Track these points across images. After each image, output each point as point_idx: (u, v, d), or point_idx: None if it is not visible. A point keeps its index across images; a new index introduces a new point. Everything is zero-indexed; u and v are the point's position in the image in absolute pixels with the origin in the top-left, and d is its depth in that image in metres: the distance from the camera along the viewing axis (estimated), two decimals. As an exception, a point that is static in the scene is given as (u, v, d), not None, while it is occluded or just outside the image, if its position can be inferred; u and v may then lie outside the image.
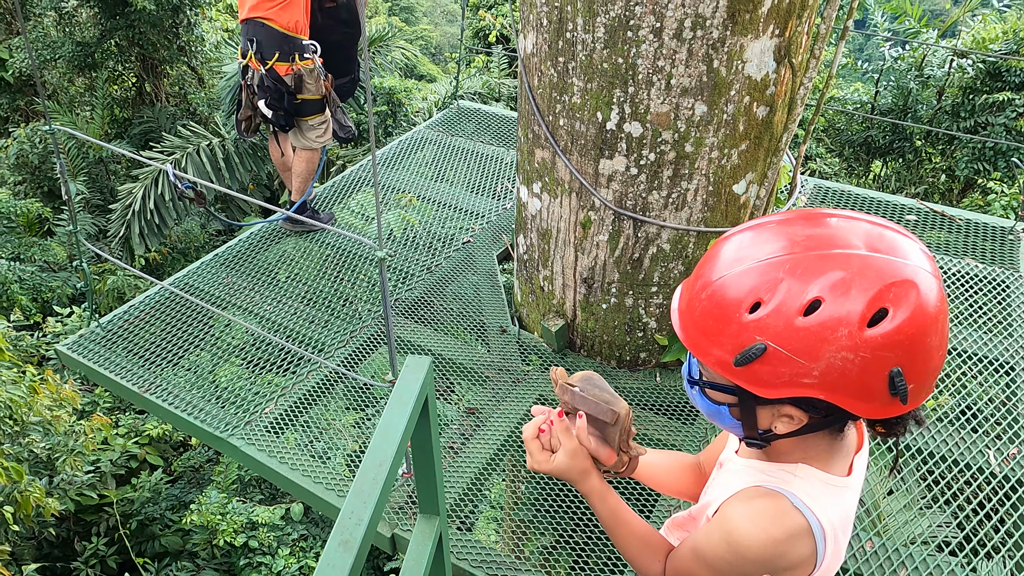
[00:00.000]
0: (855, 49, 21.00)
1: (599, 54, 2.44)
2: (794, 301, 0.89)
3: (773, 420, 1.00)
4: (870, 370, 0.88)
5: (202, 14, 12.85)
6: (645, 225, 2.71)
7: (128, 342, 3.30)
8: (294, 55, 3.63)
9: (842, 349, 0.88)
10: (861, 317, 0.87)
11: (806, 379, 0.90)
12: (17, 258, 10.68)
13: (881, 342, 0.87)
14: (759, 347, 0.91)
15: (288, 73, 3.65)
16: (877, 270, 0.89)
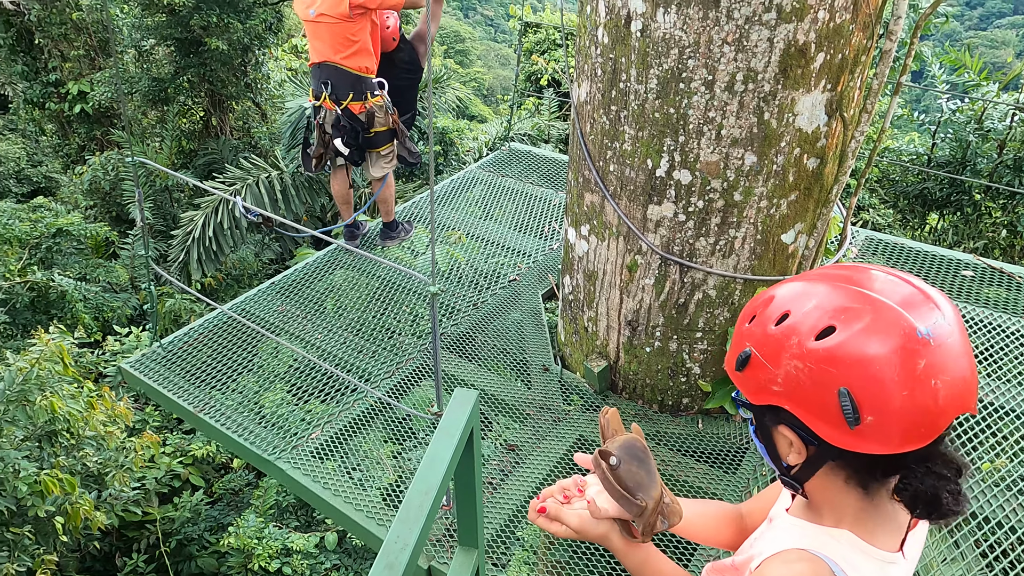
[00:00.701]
0: (912, 100, 20.73)
1: (651, 104, 2.51)
2: (773, 314, 1.00)
3: (783, 446, 1.03)
4: (820, 384, 0.93)
5: (269, 54, 13.53)
6: (691, 271, 2.73)
7: (185, 363, 3.44)
8: (366, 94, 3.87)
9: (793, 357, 0.95)
10: (810, 329, 0.94)
11: (774, 386, 0.98)
12: (83, 278, 11.23)
13: (823, 355, 0.92)
14: (746, 352, 1.02)
15: (361, 111, 3.89)
16: (843, 297, 0.96)
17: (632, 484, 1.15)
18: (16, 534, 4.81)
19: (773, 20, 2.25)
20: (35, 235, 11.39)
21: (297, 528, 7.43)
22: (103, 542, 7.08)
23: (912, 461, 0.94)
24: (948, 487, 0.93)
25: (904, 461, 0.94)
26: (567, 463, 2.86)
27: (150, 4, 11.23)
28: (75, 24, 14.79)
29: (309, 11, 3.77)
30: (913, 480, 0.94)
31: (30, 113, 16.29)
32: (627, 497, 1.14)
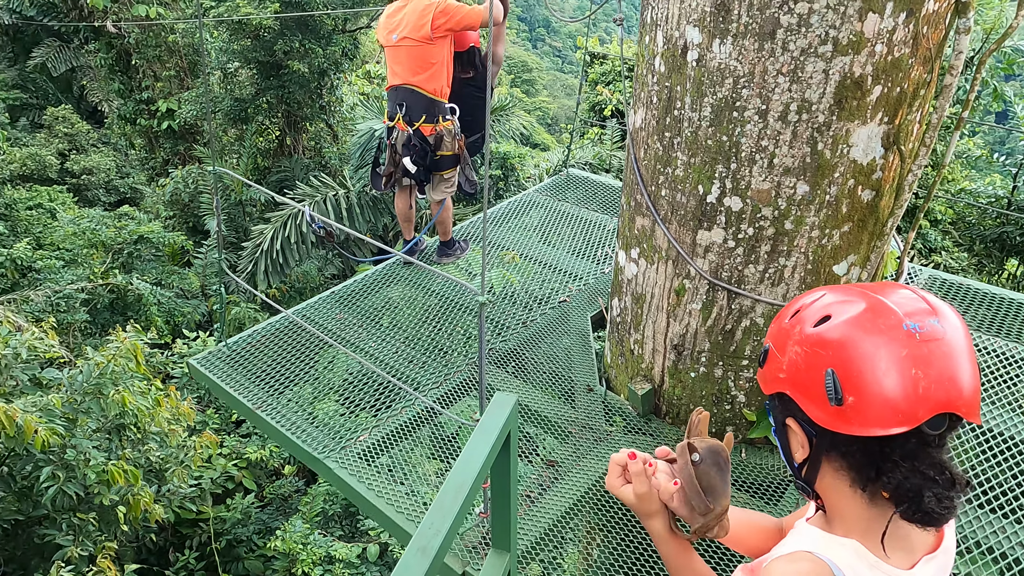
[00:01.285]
0: (994, 141, 19.87)
1: (704, 131, 2.57)
2: (789, 311, 1.11)
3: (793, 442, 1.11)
4: (811, 366, 1.02)
5: (344, 78, 14.15)
6: (739, 297, 2.74)
7: (247, 364, 3.63)
8: (438, 117, 4.06)
9: (795, 344, 1.05)
10: (811, 318, 1.05)
11: (780, 373, 1.07)
12: (159, 283, 11.88)
13: (816, 339, 1.02)
14: (766, 348, 1.12)
15: (432, 133, 4.08)
16: (847, 293, 1.05)
17: (706, 485, 1.19)
18: (82, 519, 5.08)
19: (829, 52, 2.28)
20: (119, 241, 12.15)
21: (341, 537, 7.57)
22: (159, 536, 7.38)
23: (899, 457, 0.99)
24: (933, 489, 0.97)
25: (892, 456, 0.99)
26: (603, 482, 2.87)
27: (238, 29, 11.97)
28: (168, 47, 15.85)
29: (392, 36, 3.98)
30: (897, 474, 0.99)
31: (122, 128, 17.47)
32: (700, 495, 1.18)
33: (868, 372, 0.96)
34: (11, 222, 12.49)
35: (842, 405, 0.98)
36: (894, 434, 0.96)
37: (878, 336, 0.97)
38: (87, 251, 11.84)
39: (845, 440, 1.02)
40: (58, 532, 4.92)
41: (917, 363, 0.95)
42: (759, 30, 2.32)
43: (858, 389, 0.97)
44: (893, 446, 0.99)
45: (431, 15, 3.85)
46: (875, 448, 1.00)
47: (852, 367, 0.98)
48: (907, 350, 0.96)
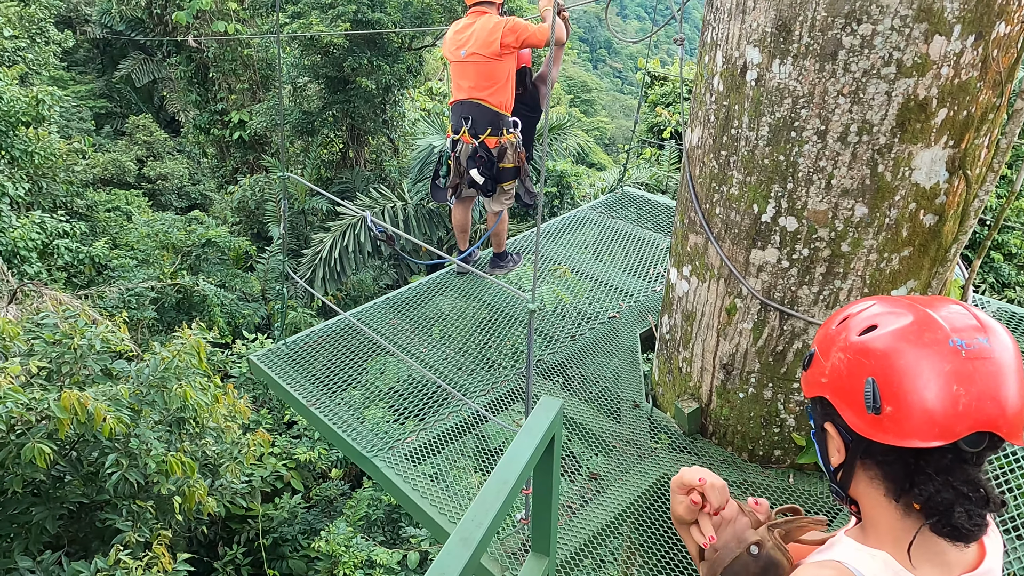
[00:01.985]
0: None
1: (761, 151, 2.56)
2: (838, 317, 1.12)
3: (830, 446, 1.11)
4: (853, 373, 1.02)
5: (407, 94, 14.55)
6: (792, 319, 2.70)
7: (304, 364, 3.77)
8: (502, 130, 4.19)
9: (839, 350, 1.06)
10: (858, 326, 1.06)
11: (822, 378, 1.08)
12: (223, 285, 12.38)
13: (860, 347, 1.03)
14: (811, 351, 1.13)
15: (496, 145, 4.20)
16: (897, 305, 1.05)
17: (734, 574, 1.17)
18: (141, 507, 5.31)
19: (892, 74, 2.26)
20: (188, 244, 12.73)
21: (383, 543, 7.67)
22: (210, 528, 7.62)
23: (934, 470, 0.99)
24: (965, 505, 0.97)
25: (926, 469, 0.99)
26: (648, 498, 2.86)
27: (309, 45, 12.47)
28: (243, 61, 16.61)
29: (460, 52, 4.13)
30: (930, 487, 0.99)
31: (197, 137, 18.36)
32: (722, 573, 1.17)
33: (908, 384, 0.97)
34: (91, 222, 13.24)
35: (879, 414, 0.99)
36: (930, 447, 0.97)
37: (922, 349, 0.98)
38: (158, 252, 12.45)
39: (881, 449, 1.02)
40: (118, 517, 5.15)
41: (960, 379, 0.95)
42: (820, 51, 2.32)
43: (896, 400, 0.98)
44: (928, 459, 0.99)
45: (500, 32, 3.99)
46: (910, 459, 1.00)
47: (892, 377, 0.99)
48: (951, 366, 0.96)
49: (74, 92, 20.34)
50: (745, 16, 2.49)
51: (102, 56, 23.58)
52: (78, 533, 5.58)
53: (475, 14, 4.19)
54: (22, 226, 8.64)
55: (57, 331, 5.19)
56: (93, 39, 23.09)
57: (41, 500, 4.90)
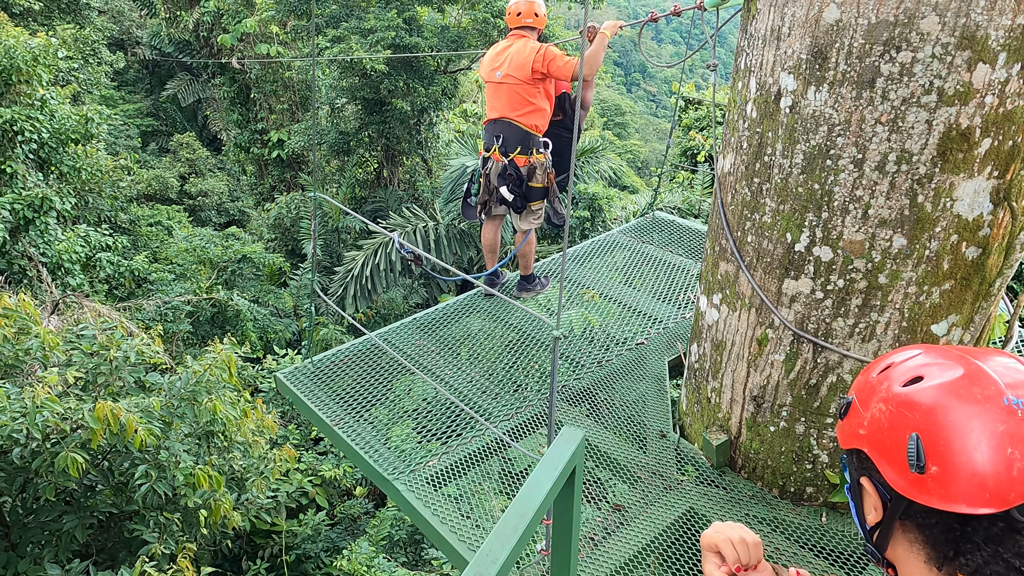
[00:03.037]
0: None
1: (795, 179, 2.51)
2: (879, 364, 1.05)
3: (866, 503, 1.04)
4: (896, 427, 0.95)
5: (442, 116, 14.75)
6: (826, 351, 2.62)
7: (330, 382, 3.78)
8: (532, 149, 4.25)
9: (880, 400, 0.99)
10: (902, 376, 0.99)
11: (860, 429, 1.01)
12: (256, 301, 12.59)
13: (904, 399, 0.96)
14: (848, 400, 1.07)
15: (525, 164, 4.26)
16: (945, 355, 0.98)
17: None
18: (168, 519, 5.36)
19: (933, 103, 2.20)
20: (224, 259, 13.00)
21: (404, 564, 7.62)
22: (234, 543, 7.66)
23: (982, 540, 0.90)
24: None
25: (974, 537, 0.91)
26: (674, 533, 2.78)
27: (347, 68, 12.75)
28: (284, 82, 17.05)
29: (496, 73, 4.24)
30: (977, 558, 0.90)
31: (237, 155, 18.84)
32: None
33: (957, 443, 0.90)
34: (133, 236, 13.63)
35: (923, 473, 0.92)
36: (979, 514, 0.89)
37: (973, 406, 0.90)
38: (196, 267, 12.74)
39: (923, 511, 0.94)
40: (145, 528, 5.20)
41: (1015, 442, 0.87)
42: (858, 78, 2.27)
43: (943, 459, 0.90)
44: (976, 526, 0.90)
45: (533, 58, 4.08)
46: (956, 525, 0.92)
47: (939, 435, 0.91)
48: (1005, 426, 0.88)
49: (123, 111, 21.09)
50: (780, 43, 2.46)
51: (151, 77, 24.46)
52: (106, 543, 5.65)
53: (514, 37, 4.30)
54: (67, 239, 8.93)
55: (95, 343, 5.31)
56: (143, 60, 24.00)
57: (72, 509, 4.98)
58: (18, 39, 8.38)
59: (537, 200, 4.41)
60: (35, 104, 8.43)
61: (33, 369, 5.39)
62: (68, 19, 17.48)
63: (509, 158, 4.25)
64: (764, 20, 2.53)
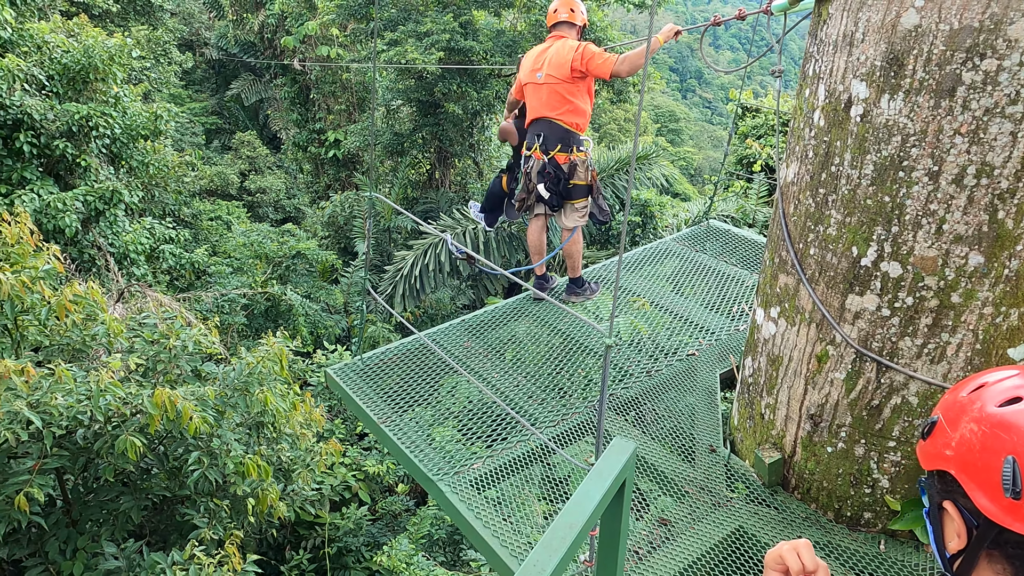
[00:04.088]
0: None
1: (864, 190, 2.41)
2: (970, 384, 1.01)
3: (948, 528, 0.99)
4: (989, 449, 0.90)
5: (494, 119, 14.81)
6: (891, 371, 2.51)
7: (378, 380, 3.82)
8: (572, 147, 4.24)
9: (972, 420, 0.95)
10: (997, 396, 0.95)
11: (947, 450, 0.96)
12: (308, 296, 12.87)
13: (999, 420, 0.92)
14: (934, 419, 1.02)
15: (566, 162, 4.24)
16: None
17: None
18: (217, 505, 5.51)
19: (1019, 114, 2.07)
20: (279, 255, 13.34)
21: (443, 563, 7.65)
22: (279, 532, 7.83)
23: None
24: None
25: None
26: (722, 551, 2.70)
27: (404, 71, 12.93)
28: (343, 83, 17.42)
29: (537, 75, 4.25)
30: None
31: (295, 154, 19.33)
32: None
33: None
34: (195, 230, 14.12)
35: (1019, 499, 0.87)
36: None
37: None
38: (252, 261, 13.11)
39: (1016, 540, 0.89)
40: (196, 513, 5.36)
41: None
42: (936, 87, 2.16)
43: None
44: None
45: (571, 57, 4.07)
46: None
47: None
48: None
49: (189, 109, 21.91)
50: (852, 49, 2.37)
51: (216, 76, 25.35)
52: (159, 524, 5.85)
53: (553, 38, 4.29)
54: (134, 231, 9.30)
55: (156, 331, 5.50)
56: (210, 60, 24.90)
57: (129, 490, 5.17)
58: (96, 39, 8.78)
59: (580, 198, 4.38)
60: (109, 101, 8.81)
61: (98, 354, 5.63)
62: (142, 20, 18.26)
63: (549, 156, 4.25)
64: (836, 25, 2.44)
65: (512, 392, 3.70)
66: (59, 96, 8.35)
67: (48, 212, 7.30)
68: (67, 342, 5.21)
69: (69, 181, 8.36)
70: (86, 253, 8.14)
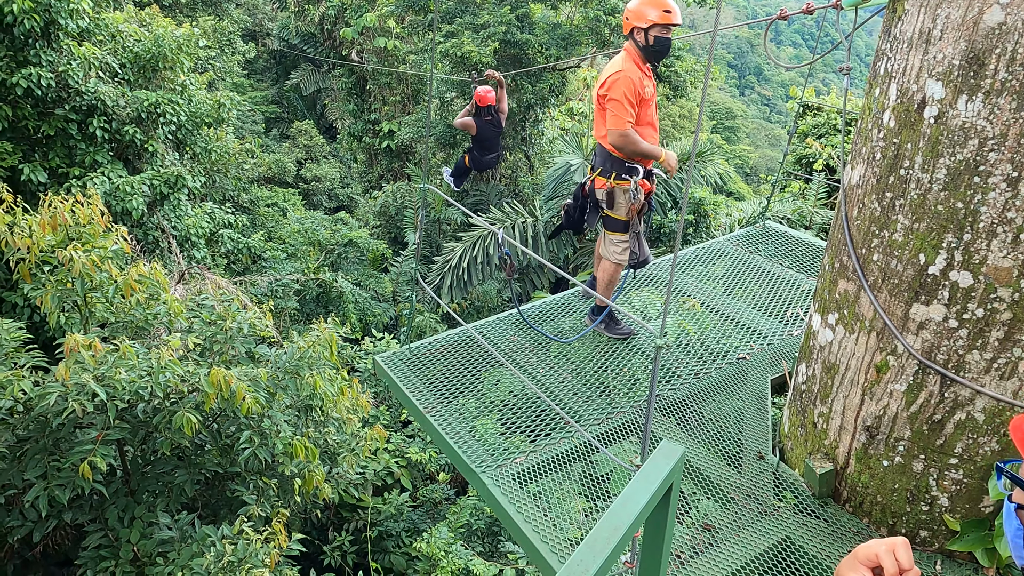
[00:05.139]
0: None
1: (934, 195, 2.30)
2: None
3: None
4: None
5: (548, 113, 14.76)
6: (956, 386, 2.40)
7: (424, 369, 3.87)
8: (611, 173, 3.82)
9: None
10: None
11: None
12: (358, 284, 13.11)
13: None
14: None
15: (602, 187, 3.85)
16: None
17: None
18: (266, 483, 5.68)
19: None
20: (332, 242, 13.62)
21: (481, 554, 7.71)
22: (323, 513, 8.03)
23: None
24: None
25: None
26: (767, 561, 2.64)
27: (459, 62, 13.00)
28: (398, 75, 17.61)
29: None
30: None
31: (350, 144, 19.67)
32: None
33: None
34: (252, 216, 14.53)
35: None
36: None
37: None
38: (306, 248, 13.42)
39: None
40: (245, 490, 5.54)
41: None
42: (1020, 88, 2.05)
43: None
44: None
45: (598, 84, 3.75)
46: None
47: None
48: None
49: (250, 98, 22.53)
50: (929, 47, 2.26)
51: (277, 66, 25.99)
52: (210, 499, 6.06)
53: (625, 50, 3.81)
54: (195, 215, 9.63)
55: (213, 313, 5.69)
56: (271, 51, 25.53)
57: (183, 465, 5.37)
58: (166, 29, 9.11)
59: (615, 231, 3.90)
60: (176, 89, 9.13)
61: (159, 332, 5.85)
62: (209, 11, 18.85)
63: (591, 177, 3.92)
64: (912, 22, 2.33)
65: (556, 388, 3.69)
66: (130, 83, 8.70)
67: (117, 195, 7.62)
68: (131, 320, 5.43)
69: (137, 165, 8.71)
70: (151, 235, 8.47)
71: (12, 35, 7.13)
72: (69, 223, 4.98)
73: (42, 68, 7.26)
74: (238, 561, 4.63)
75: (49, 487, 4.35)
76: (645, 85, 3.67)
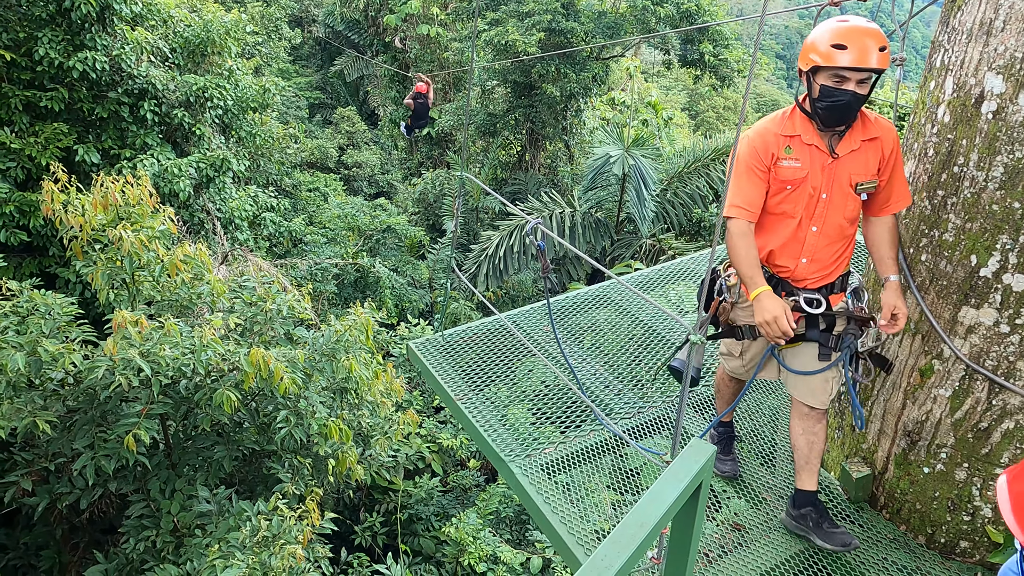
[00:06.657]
0: None
1: (990, 194, 2.21)
2: None
3: None
4: None
5: (590, 102, 14.62)
6: (1005, 393, 2.31)
7: (457, 357, 3.89)
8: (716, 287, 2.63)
9: None
10: None
11: None
12: (395, 270, 13.24)
13: None
14: None
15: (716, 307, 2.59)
16: None
17: None
18: (300, 462, 5.80)
19: None
20: (371, 228, 13.78)
21: (509, 541, 7.76)
22: (355, 494, 8.18)
23: None
24: None
25: None
26: (797, 564, 2.59)
27: (502, 50, 12.95)
28: (440, 63, 17.65)
29: None
30: None
31: (391, 131, 19.80)
32: None
33: None
34: (294, 200, 14.78)
35: None
36: None
37: None
38: (345, 233, 13.60)
39: None
40: (281, 468, 5.67)
41: None
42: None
43: None
44: None
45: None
46: None
47: None
48: None
49: (295, 83, 22.86)
50: (990, 38, 2.16)
51: (322, 53, 26.29)
52: (247, 475, 6.23)
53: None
54: (239, 198, 9.84)
55: (254, 294, 5.81)
56: (317, 37, 25.83)
57: (223, 441, 5.52)
58: (215, 15, 9.28)
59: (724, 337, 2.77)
60: (224, 74, 9.32)
61: (202, 311, 6.01)
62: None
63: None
64: (972, 12, 2.23)
65: (588, 380, 3.67)
66: (179, 68, 8.90)
67: (165, 176, 7.83)
68: (176, 298, 5.59)
69: (185, 148, 8.92)
70: (196, 216, 8.68)
71: (70, 19, 7.35)
72: (119, 203, 5.13)
73: (97, 52, 7.48)
74: (272, 536, 4.75)
75: (96, 457, 4.53)
76: (791, 158, 2.34)
